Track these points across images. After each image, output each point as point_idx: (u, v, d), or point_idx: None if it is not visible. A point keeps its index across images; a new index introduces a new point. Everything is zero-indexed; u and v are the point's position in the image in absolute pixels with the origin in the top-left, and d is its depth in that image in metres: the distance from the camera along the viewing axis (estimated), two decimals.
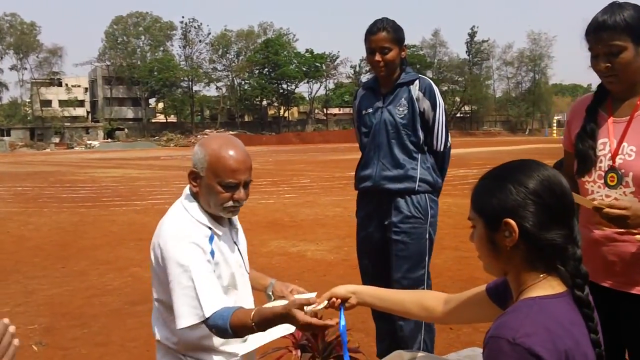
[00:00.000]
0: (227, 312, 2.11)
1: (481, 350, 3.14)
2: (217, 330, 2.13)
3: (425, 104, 3.62)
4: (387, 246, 3.74)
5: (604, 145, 2.32)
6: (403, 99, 3.63)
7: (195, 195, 2.34)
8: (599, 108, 2.39)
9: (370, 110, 3.77)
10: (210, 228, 2.30)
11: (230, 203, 2.28)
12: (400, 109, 3.62)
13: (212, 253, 2.27)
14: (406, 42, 3.76)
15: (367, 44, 3.66)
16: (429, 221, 3.69)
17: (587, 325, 1.41)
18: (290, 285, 2.57)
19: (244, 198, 2.31)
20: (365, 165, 3.79)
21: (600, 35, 2.21)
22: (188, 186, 2.39)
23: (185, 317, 2.15)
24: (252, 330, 2.08)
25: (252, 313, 2.07)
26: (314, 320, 2.04)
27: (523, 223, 1.42)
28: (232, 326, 2.08)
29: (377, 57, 3.61)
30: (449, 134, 3.79)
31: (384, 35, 3.58)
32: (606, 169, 2.30)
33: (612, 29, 2.17)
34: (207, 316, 2.13)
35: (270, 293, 2.58)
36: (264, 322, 2.05)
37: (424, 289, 3.70)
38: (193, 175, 2.30)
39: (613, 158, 2.28)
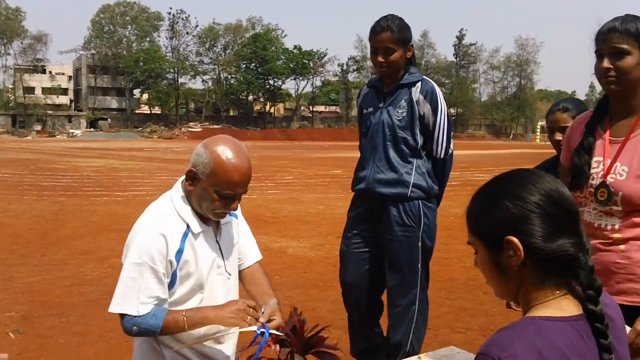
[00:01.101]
0: (161, 313, 2.19)
1: (458, 349, 3.17)
2: (143, 328, 2.20)
3: (426, 108, 3.52)
4: (373, 247, 3.72)
5: (598, 163, 2.37)
6: (403, 100, 3.53)
7: (188, 193, 2.29)
8: (598, 125, 2.43)
9: (370, 109, 3.69)
10: (188, 226, 2.27)
11: (222, 210, 2.27)
12: (399, 111, 3.52)
13: (181, 250, 2.25)
14: None
15: (371, 43, 3.54)
16: (422, 229, 3.57)
17: (598, 343, 1.30)
18: (274, 316, 2.50)
19: (236, 208, 2.30)
20: (361, 167, 3.72)
21: (609, 36, 2.26)
22: (181, 180, 2.35)
23: (118, 305, 2.22)
24: (184, 330, 2.20)
25: (184, 317, 2.19)
26: None
27: (526, 238, 1.31)
28: (164, 325, 2.18)
29: (380, 58, 3.49)
30: (451, 140, 3.67)
31: (387, 35, 3.45)
32: (597, 185, 2.34)
33: (622, 32, 2.23)
34: (140, 314, 2.19)
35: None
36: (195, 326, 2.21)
37: (416, 292, 3.66)
38: (191, 175, 2.22)
39: (605, 176, 2.32)
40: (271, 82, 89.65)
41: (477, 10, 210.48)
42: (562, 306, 1.32)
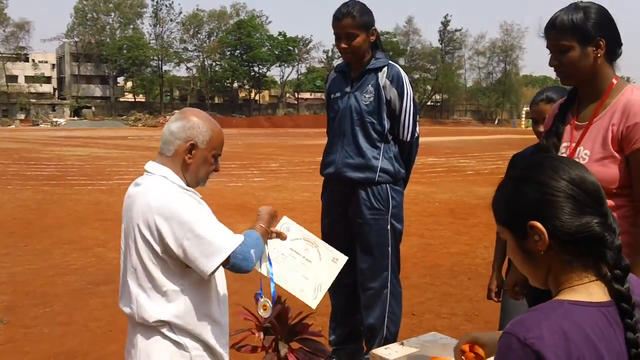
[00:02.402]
0: (246, 234, 2.39)
1: (441, 335, 3.19)
2: (252, 246, 2.33)
3: (392, 93, 3.56)
4: (349, 234, 3.76)
5: (566, 149, 2.43)
6: (370, 85, 3.57)
7: (185, 167, 2.34)
8: (569, 111, 2.50)
9: (338, 94, 3.73)
10: (195, 194, 2.35)
11: (212, 172, 2.43)
12: (366, 95, 3.57)
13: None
14: (379, 29, 3.69)
15: (334, 30, 3.59)
16: (390, 212, 3.65)
17: (623, 322, 1.29)
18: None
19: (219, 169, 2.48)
20: (329, 151, 3.77)
21: (549, 33, 2.36)
22: (157, 164, 2.34)
23: (220, 251, 2.23)
24: (265, 234, 2.54)
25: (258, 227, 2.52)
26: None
27: (549, 222, 1.32)
28: (260, 239, 2.45)
29: (343, 44, 3.54)
30: (417, 124, 3.71)
31: (348, 21, 3.50)
32: None
33: (559, 29, 2.31)
34: (229, 253, 2.24)
35: None
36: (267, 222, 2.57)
37: (387, 275, 3.72)
38: (192, 146, 2.32)
39: None
40: (256, 69, 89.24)
41: None
42: (590, 292, 1.32)
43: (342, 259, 2.84)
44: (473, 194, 13.32)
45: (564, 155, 2.40)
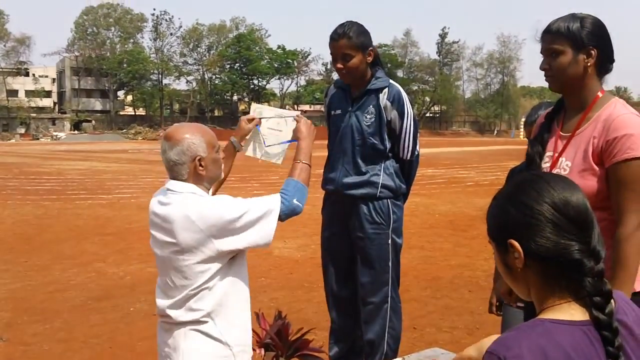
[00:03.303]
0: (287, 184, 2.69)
1: (442, 350, 3.18)
2: (288, 213, 2.63)
3: (393, 114, 3.56)
4: (350, 248, 3.76)
5: (550, 158, 2.48)
6: (371, 106, 3.57)
7: (201, 178, 2.47)
8: (555, 120, 2.55)
9: (339, 111, 3.73)
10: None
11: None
12: (368, 116, 3.57)
13: None
14: (378, 42, 3.66)
15: (330, 49, 3.59)
16: (391, 227, 3.67)
17: (604, 348, 1.28)
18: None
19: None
20: (330, 168, 3.79)
21: (545, 37, 2.42)
22: (181, 182, 2.45)
23: (267, 235, 2.51)
24: (309, 170, 2.81)
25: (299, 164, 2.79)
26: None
27: (527, 242, 1.34)
28: (302, 183, 2.75)
29: (339, 64, 3.54)
30: (418, 142, 3.71)
31: (344, 42, 3.49)
32: None
33: (555, 33, 2.37)
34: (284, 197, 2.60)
35: (234, 139, 3.12)
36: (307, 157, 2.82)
37: (387, 290, 3.71)
38: (199, 160, 2.43)
39: (550, 169, 2.43)
40: (256, 82, 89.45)
41: (459, 8, 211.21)
42: (571, 312, 1.33)
43: (299, 114, 3.10)
44: (473, 206, 13.32)
45: (547, 165, 2.46)
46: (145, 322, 5.61)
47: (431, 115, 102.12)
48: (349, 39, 3.48)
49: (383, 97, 3.56)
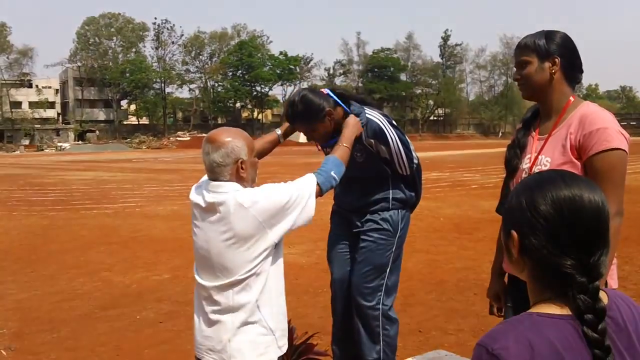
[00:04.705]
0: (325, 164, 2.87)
1: (446, 352, 3.19)
2: (326, 188, 2.77)
3: (379, 147, 3.57)
4: (355, 251, 3.78)
5: (529, 159, 2.65)
6: (357, 144, 3.50)
7: (243, 179, 2.59)
8: (532, 126, 2.75)
9: (329, 150, 3.73)
10: None
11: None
12: (358, 154, 3.58)
13: None
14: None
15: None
16: (397, 236, 3.71)
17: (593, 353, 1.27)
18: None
19: None
20: (340, 192, 3.84)
21: (516, 51, 2.70)
22: (224, 182, 2.55)
23: (310, 204, 2.64)
24: (347, 151, 3.09)
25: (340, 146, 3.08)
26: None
27: (525, 240, 1.36)
28: (339, 159, 2.95)
29: (309, 138, 3.57)
30: (413, 154, 3.70)
31: (300, 125, 3.50)
32: (526, 176, 2.56)
33: (523, 47, 2.64)
34: (319, 182, 2.73)
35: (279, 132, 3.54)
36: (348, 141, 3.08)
37: (380, 297, 3.71)
38: (242, 163, 2.56)
39: (531, 168, 2.61)
40: (258, 88, 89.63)
41: (461, 10, 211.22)
42: (562, 306, 1.33)
43: None
44: (478, 208, 13.32)
45: (527, 165, 2.62)
46: (151, 329, 5.64)
47: (435, 118, 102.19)
48: (302, 119, 3.46)
49: (364, 136, 3.53)
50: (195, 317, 2.65)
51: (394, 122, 3.66)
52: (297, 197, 2.58)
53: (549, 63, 2.57)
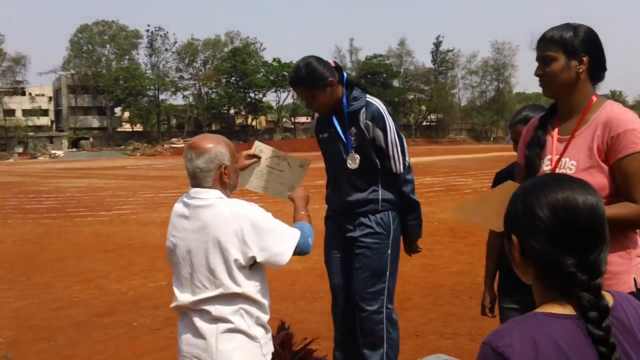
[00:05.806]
0: (296, 227, 2.83)
1: (445, 356, 3.21)
2: (302, 250, 2.73)
3: (376, 132, 3.56)
4: (349, 257, 3.79)
5: (550, 161, 2.51)
6: (353, 127, 3.58)
7: (225, 185, 2.66)
8: (549, 124, 2.59)
9: (326, 135, 3.77)
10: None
11: None
12: (352, 138, 3.58)
13: None
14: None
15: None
16: (391, 237, 3.70)
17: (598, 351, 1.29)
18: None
19: None
20: (331, 189, 3.87)
21: (539, 45, 2.50)
22: (206, 189, 2.59)
23: (292, 241, 2.67)
24: (309, 217, 3.03)
25: (303, 216, 3.02)
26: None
27: (525, 243, 1.40)
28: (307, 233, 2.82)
29: (308, 105, 3.61)
30: (407, 153, 3.70)
31: (301, 88, 3.54)
32: None
33: (548, 41, 2.45)
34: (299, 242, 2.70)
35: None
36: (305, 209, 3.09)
37: (383, 301, 3.73)
38: (225, 169, 2.61)
39: (553, 171, 2.46)
40: (252, 95, 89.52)
41: (453, 16, 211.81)
42: (567, 305, 1.35)
43: (307, 163, 3.54)
44: None
45: (548, 167, 2.49)
46: (148, 337, 5.64)
47: (428, 123, 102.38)
48: (303, 84, 3.50)
49: (362, 118, 3.56)
50: (179, 326, 2.66)
51: (392, 118, 3.67)
52: (282, 232, 2.64)
53: (575, 62, 2.42)
